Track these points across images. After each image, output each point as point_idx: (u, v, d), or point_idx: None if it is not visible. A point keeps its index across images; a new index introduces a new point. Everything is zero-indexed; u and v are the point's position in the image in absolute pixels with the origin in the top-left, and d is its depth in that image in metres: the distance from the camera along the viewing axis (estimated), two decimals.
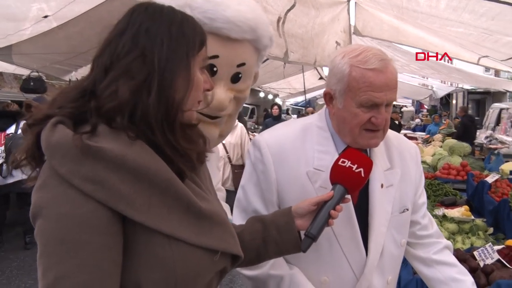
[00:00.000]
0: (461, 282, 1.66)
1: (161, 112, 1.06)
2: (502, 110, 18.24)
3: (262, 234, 1.42)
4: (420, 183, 1.73)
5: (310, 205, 1.41)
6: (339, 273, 1.55)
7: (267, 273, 1.55)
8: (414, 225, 1.72)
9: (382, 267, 1.59)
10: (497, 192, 4.66)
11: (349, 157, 1.42)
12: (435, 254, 1.71)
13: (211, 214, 1.14)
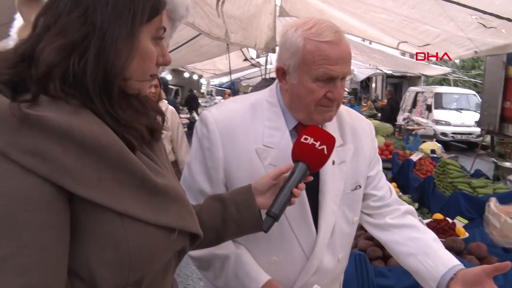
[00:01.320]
0: (419, 239, 1.59)
1: (99, 78, 0.96)
2: (418, 93, 19.32)
3: (221, 213, 1.35)
4: (374, 156, 1.69)
5: (270, 180, 1.36)
6: (289, 252, 1.52)
7: (212, 252, 1.49)
8: (369, 197, 1.68)
9: (333, 245, 1.57)
10: (422, 169, 4.91)
11: (312, 134, 1.36)
12: (392, 219, 1.66)
13: (167, 190, 1.06)
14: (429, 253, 1.53)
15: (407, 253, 1.58)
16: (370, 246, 2.91)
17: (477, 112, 14.89)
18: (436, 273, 1.48)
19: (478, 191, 3.94)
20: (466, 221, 3.33)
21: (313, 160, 1.35)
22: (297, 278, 1.53)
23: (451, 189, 4.04)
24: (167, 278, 1.16)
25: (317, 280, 1.54)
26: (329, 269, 1.58)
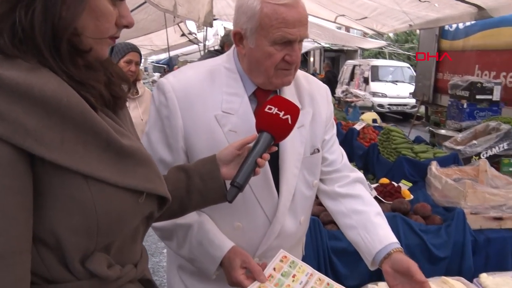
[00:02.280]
0: (362, 213, 1.64)
1: (48, 32, 0.91)
2: (355, 66, 19.77)
3: (185, 183, 1.34)
4: (330, 120, 1.72)
5: (234, 150, 1.35)
6: (252, 217, 1.54)
7: (174, 222, 1.48)
8: (322, 161, 1.70)
9: (294, 208, 1.60)
10: (366, 138, 5.09)
11: (276, 104, 1.36)
12: (340, 187, 1.71)
13: (133, 152, 1.03)
14: (369, 228, 1.60)
15: (349, 226, 1.65)
16: (322, 211, 3.00)
17: (411, 84, 15.51)
18: (372, 248, 1.56)
19: (420, 156, 4.15)
20: (410, 184, 3.51)
21: (278, 130, 1.35)
22: (261, 242, 1.56)
23: (395, 155, 4.22)
24: (136, 244, 1.14)
25: (280, 243, 1.57)
26: (291, 232, 1.61)
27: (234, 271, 1.42)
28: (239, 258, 1.44)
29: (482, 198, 3.01)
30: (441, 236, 2.84)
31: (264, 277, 1.40)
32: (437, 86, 10.93)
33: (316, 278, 1.45)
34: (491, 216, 2.99)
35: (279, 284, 1.41)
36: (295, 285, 1.42)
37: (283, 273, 1.44)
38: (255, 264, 1.43)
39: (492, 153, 5.08)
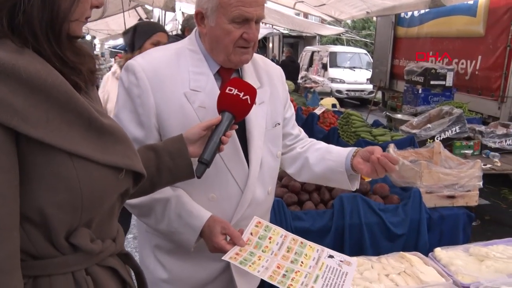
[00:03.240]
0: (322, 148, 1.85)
1: (45, 19, 0.94)
2: (314, 52, 19.96)
3: (155, 162, 1.39)
4: (287, 99, 1.87)
5: (200, 130, 1.44)
6: (225, 188, 1.62)
7: (151, 197, 1.54)
8: (286, 137, 1.86)
9: (262, 178, 1.70)
10: (326, 122, 5.21)
11: (236, 85, 1.46)
12: (302, 148, 1.88)
13: (113, 130, 1.07)
14: (332, 151, 1.80)
15: (316, 162, 1.80)
16: (286, 193, 3.09)
17: (368, 70, 15.81)
18: (341, 158, 1.74)
19: (378, 139, 4.29)
20: None
21: (238, 109, 1.46)
22: (234, 211, 1.64)
23: (354, 138, 4.35)
24: (113, 220, 1.18)
25: (252, 212, 1.66)
26: (261, 201, 1.71)
27: (215, 237, 1.50)
28: (218, 225, 1.52)
29: (436, 178, 3.16)
30: (399, 215, 2.97)
31: (243, 241, 1.50)
32: (393, 72, 11.21)
33: (290, 238, 1.59)
34: (445, 194, 3.15)
35: (258, 247, 1.51)
36: (273, 246, 1.53)
37: (260, 236, 1.55)
38: (234, 230, 1.52)
39: (445, 136, 5.30)
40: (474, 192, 3.24)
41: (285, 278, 1.41)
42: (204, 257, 1.65)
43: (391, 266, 2.25)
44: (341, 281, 1.47)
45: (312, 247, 1.59)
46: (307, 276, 1.45)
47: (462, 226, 3.12)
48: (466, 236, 3.14)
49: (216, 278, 1.71)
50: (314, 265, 1.51)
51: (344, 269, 1.53)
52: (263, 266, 1.44)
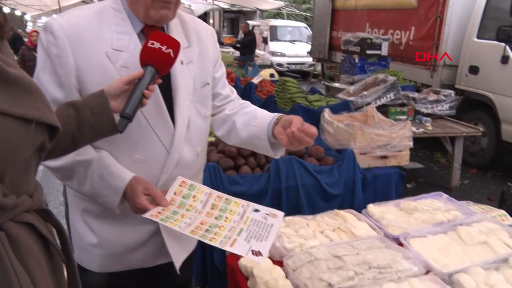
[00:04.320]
0: (250, 112, 1.77)
1: None
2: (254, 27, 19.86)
3: (75, 118, 1.33)
4: (217, 59, 1.81)
5: (122, 85, 1.38)
6: (150, 149, 1.58)
7: (73, 159, 1.48)
8: (216, 97, 1.82)
9: (190, 139, 1.66)
10: (263, 90, 5.21)
11: (158, 39, 1.41)
12: (231, 110, 1.83)
13: (20, 80, 1.01)
14: (257, 116, 1.73)
15: (242, 126, 1.75)
16: (222, 158, 3.07)
17: (308, 43, 15.93)
18: (264, 125, 1.67)
19: (314, 104, 4.34)
20: None
21: (161, 63, 1.41)
22: (161, 173, 1.60)
23: (290, 104, 4.38)
24: (29, 176, 1.12)
25: (180, 173, 1.62)
26: (189, 162, 1.67)
27: (138, 198, 1.46)
28: (141, 185, 1.48)
29: (369, 139, 3.24)
30: (334, 175, 3.03)
31: (166, 201, 1.47)
32: (332, 43, 11.38)
33: (215, 196, 1.57)
34: (378, 155, 3.24)
35: (182, 206, 1.49)
36: (197, 204, 1.52)
37: (183, 195, 1.53)
38: (157, 191, 1.49)
39: (381, 103, 5.44)
40: (405, 152, 3.35)
41: (207, 233, 1.40)
42: (133, 220, 1.60)
43: (326, 223, 2.30)
44: (266, 232, 1.46)
45: (237, 202, 1.58)
46: (231, 230, 1.44)
47: (394, 184, 3.22)
48: (398, 194, 3.25)
49: (147, 241, 1.67)
50: (239, 220, 1.50)
51: (269, 221, 1.53)
52: (185, 223, 1.42)
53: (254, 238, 1.42)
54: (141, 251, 1.68)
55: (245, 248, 1.37)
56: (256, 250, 1.37)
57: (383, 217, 2.34)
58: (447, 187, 5.62)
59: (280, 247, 2.03)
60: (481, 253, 2.00)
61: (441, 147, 5.97)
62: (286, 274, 1.85)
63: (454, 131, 5.53)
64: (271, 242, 1.43)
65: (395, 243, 2.08)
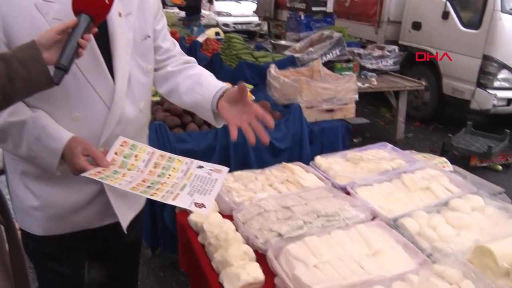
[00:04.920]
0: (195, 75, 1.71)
1: None
2: None
3: (5, 71, 1.23)
4: (158, 10, 1.72)
5: (55, 34, 1.27)
6: (89, 105, 1.50)
7: (6, 121, 1.39)
8: (157, 50, 1.73)
9: (132, 94, 1.59)
10: (208, 49, 5.10)
11: None
12: (173, 67, 1.75)
13: None
14: (202, 83, 1.66)
15: (187, 90, 1.69)
16: (168, 116, 3.01)
17: (254, 2, 15.70)
18: (209, 96, 1.61)
19: (260, 61, 4.29)
20: (252, 86, 3.64)
21: (95, 10, 1.33)
22: (102, 130, 1.53)
23: (236, 61, 4.31)
24: None
25: (122, 130, 1.56)
26: (132, 118, 1.61)
27: (76, 159, 1.39)
28: (80, 146, 1.41)
29: (315, 93, 3.24)
30: (281, 130, 3.02)
31: (107, 162, 1.42)
32: (278, 1, 11.24)
33: (158, 154, 1.53)
34: (324, 108, 3.26)
35: (123, 166, 1.45)
36: (139, 164, 1.48)
37: (125, 155, 1.48)
38: (97, 151, 1.42)
39: (327, 59, 5.46)
40: (351, 105, 3.39)
41: (149, 189, 1.37)
42: (76, 180, 1.53)
43: (274, 176, 2.30)
44: (210, 186, 1.44)
45: (180, 160, 1.55)
46: (174, 186, 1.41)
47: (341, 137, 3.26)
48: (345, 147, 3.30)
49: (92, 201, 1.62)
50: (182, 176, 1.48)
51: (213, 176, 1.50)
52: (126, 181, 1.38)
53: (198, 192, 1.40)
54: (86, 212, 1.62)
55: (188, 201, 1.35)
56: (199, 202, 1.35)
57: (330, 168, 2.37)
58: (392, 140, 5.77)
59: (230, 201, 2.03)
60: (424, 198, 2.07)
61: (386, 102, 6.11)
62: (236, 227, 1.85)
63: (398, 85, 5.65)
64: (215, 195, 1.42)
65: (342, 192, 2.11)
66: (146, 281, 3.09)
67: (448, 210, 1.89)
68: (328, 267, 1.56)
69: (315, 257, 1.59)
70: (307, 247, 1.65)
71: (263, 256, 1.69)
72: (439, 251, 1.62)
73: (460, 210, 1.86)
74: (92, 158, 1.41)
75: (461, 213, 1.85)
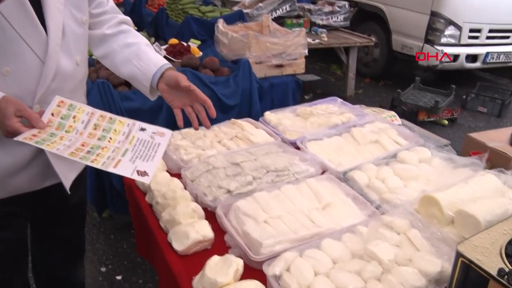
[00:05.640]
0: (133, 45, 1.67)
1: None
2: None
3: None
4: None
5: None
6: (21, 60, 1.39)
7: None
8: (91, 3, 1.62)
9: (67, 47, 1.49)
10: (154, 4, 4.90)
11: None
12: (109, 28, 1.68)
13: None
14: (142, 57, 1.63)
15: (124, 60, 1.66)
16: (111, 74, 2.87)
17: None
18: (148, 73, 1.60)
19: (207, 15, 4.16)
20: (199, 42, 3.52)
21: None
22: (37, 85, 1.43)
23: (182, 16, 4.16)
24: None
25: (59, 85, 1.47)
26: (69, 72, 1.51)
27: (8, 120, 1.28)
28: (12, 106, 1.29)
29: (264, 48, 3.17)
30: (230, 86, 2.95)
31: (43, 123, 1.32)
32: None
33: (98, 115, 1.45)
34: (273, 64, 3.20)
35: (60, 128, 1.37)
36: (77, 125, 1.40)
37: (62, 116, 1.39)
38: (31, 111, 1.31)
39: (276, 14, 5.36)
40: (301, 60, 3.34)
41: (89, 154, 1.31)
42: (10, 143, 1.42)
43: (223, 133, 2.25)
44: (153, 152, 1.42)
45: (122, 122, 1.48)
46: (115, 151, 1.36)
47: (291, 92, 3.23)
48: (295, 102, 3.27)
49: (30, 163, 1.52)
50: (124, 140, 1.43)
51: (156, 140, 1.47)
52: (64, 145, 1.30)
53: (140, 158, 1.37)
54: (25, 174, 1.53)
55: (130, 168, 1.31)
56: (141, 170, 1.32)
57: (280, 123, 2.34)
58: (343, 97, 5.71)
59: (177, 159, 1.97)
60: (373, 151, 2.07)
61: (337, 59, 6.10)
62: (184, 185, 1.80)
63: (348, 41, 5.63)
64: (157, 161, 1.39)
65: (292, 147, 2.09)
66: (97, 244, 3.02)
67: (397, 162, 1.90)
68: (278, 222, 1.54)
69: (265, 212, 1.57)
70: (256, 203, 1.63)
71: (212, 213, 1.65)
72: (388, 202, 1.63)
73: (408, 162, 1.88)
74: (26, 119, 1.30)
75: (409, 164, 1.86)
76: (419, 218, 1.43)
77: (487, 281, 0.92)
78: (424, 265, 1.24)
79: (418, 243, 1.34)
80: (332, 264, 1.33)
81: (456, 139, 4.73)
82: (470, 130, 5.03)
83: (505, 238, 1.02)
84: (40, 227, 1.79)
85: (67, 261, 1.92)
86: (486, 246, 1.00)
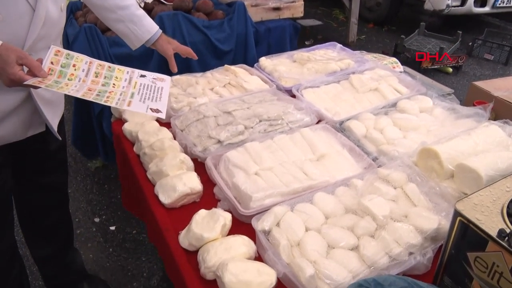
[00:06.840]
0: (125, 8, 1.80)
1: None
2: None
3: None
4: None
5: None
6: (13, 6, 1.36)
7: None
8: None
9: None
10: None
11: None
12: None
13: None
14: (135, 21, 1.82)
15: (116, 20, 1.82)
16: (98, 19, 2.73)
17: None
18: (141, 37, 1.85)
19: None
20: None
21: None
22: (28, 32, 1.41)
23: None
24: None
25: (46, 32, 1.46)
26: (55, 19, 1.50)
27: (11, 68, 1.25)
28: (13, 54, 1.26)
29: None
30: (224, 30, 2.82)
31: (44, 71, 1.32)
32: None
33: (97, 64, 1.51)
34: (270, 7, 3.04)
35: (62, 76, 1.39)
36: (79, 73, 1.45)
37: (62, 64, 1.43)
38: (33, 60, 1.30)
39: None
40: (299, 3, 3.18)
41: (99, 96, 1.34)
42: None
43: (216, 79, 2.15)
44: (158, 94, 1.50)
45: (121, 69, 1.54)
46: (122, 94, 1.41)
47: (289, 37, 3.09)
48: (293, 47, 3.14)
49: (17, 108, 1.49)
50: (127, 85, 1.49)
51: (158, 85, 1.55)
52: (73, 89, 1.32)
53: (149, 99, 1.44)
54: (10, 122, 1.50)
55: (143, 106, 1.39)
56: (154, 108, 1.41)
57: (275, 69, 2.23)
58: (345, 43, 5.63)
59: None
60: (372, 100, 1.98)
61: (340, 3, 5.88)
62: (173, 135, 1.72)
63: None
64: (165, 101, 1.47)
65: (287, 95, 2.00)
66: (90, 195, 2.98)
67: (396, 112, 1.82)
68: (270, 174, 1.47)
69: (256, 164, 1.50)
70: (247, 154, 1.56)
71: (202, 165, 1.58)
72: (385, 154, 1.56)
73: (408, 112, 1.79)
74: (28, 67, 1.29)
75: (409, 114, 1.77)
76: (417, 172, 1.36)
77: (486, 242, 0.86)
78: (420, 222, 1.18)
79: (415, 198, 1.28)
80: (324, 219, 1.27)
81: (460, 87, 4.61)
82: (475, 78, 4.88)
83: (508, 196, 0.94)
84: (23, 177, 1.76)
85: (53, 209, 1.93)
86: (487, 204, 0.93)
